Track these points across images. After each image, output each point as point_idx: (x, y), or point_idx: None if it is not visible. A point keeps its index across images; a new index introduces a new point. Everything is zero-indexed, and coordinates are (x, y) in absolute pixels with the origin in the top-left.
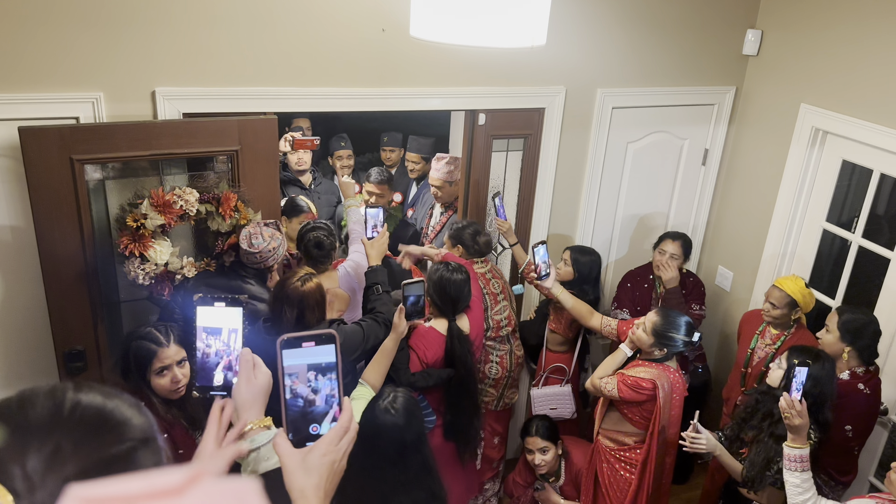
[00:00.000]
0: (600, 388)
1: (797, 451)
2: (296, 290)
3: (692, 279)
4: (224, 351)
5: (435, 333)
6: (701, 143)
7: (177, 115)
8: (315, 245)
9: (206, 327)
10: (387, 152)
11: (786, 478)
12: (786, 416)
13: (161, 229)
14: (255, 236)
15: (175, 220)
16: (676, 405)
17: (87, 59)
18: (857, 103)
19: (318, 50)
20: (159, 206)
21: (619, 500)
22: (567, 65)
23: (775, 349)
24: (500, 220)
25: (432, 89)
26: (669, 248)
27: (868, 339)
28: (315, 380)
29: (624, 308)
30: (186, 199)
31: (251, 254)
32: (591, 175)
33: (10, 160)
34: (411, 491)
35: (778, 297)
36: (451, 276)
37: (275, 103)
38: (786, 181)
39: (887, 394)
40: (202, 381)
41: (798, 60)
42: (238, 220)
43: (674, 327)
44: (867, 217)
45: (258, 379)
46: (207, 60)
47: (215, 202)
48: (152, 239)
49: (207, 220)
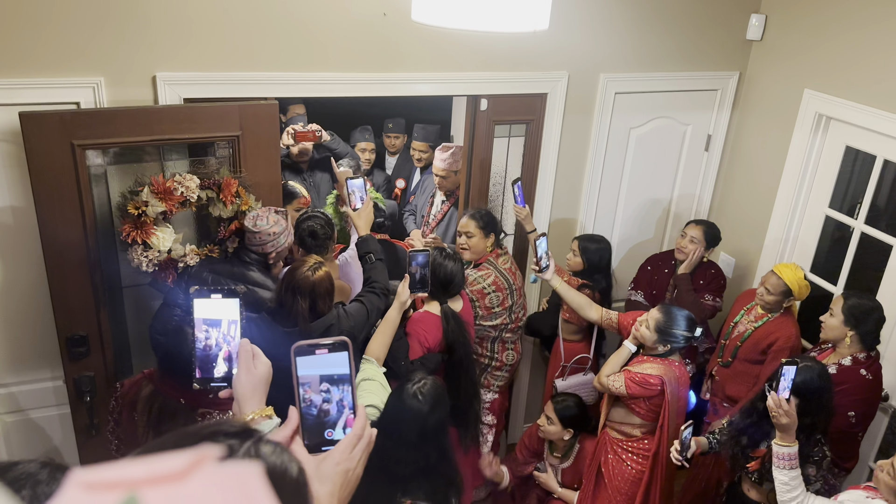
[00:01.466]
0: (607, 386)
1: (786, 450)
2: (306, 279)
3: (713, 270)
4: (224, 342)
5: (432, 316)
6: (704, 128)
7: (178, 100)
8: (309, 234)
9: (204, 319)
10: (391, 139)
11: (775, 475)
12: (773, 415)
13: (163, 216)
14: (260, 217)
15: (176, 206)
16: (683, 397)
17: (88, 44)
18: (861, 89)
19: (320, 35)
20: (160, 193)
21: (622, 490)
22: (570, 50)
23: (755, 327)
24: (519, 207)
25: (434, 74)
26: (690, 231)
27: (872, 325)
28: (329, 388)
29: (640, 290)
30: (187, 185)
31: (253, 233)
32: (594, 161)
33: (12, 145)
34: (430, 477)
35: (775, 284)
36: (444, 262)
37: (276, 88)
38: (789, 167)
39: (888, 379)
40: (203, 374)
41: (802, 45)
42: (239, 206)
43: (675, 324)
44: (870, 203)
45: (258, 369)
46: (208, 45)
47: (216, 188)
48: (154, 226)
49: (209, 206)
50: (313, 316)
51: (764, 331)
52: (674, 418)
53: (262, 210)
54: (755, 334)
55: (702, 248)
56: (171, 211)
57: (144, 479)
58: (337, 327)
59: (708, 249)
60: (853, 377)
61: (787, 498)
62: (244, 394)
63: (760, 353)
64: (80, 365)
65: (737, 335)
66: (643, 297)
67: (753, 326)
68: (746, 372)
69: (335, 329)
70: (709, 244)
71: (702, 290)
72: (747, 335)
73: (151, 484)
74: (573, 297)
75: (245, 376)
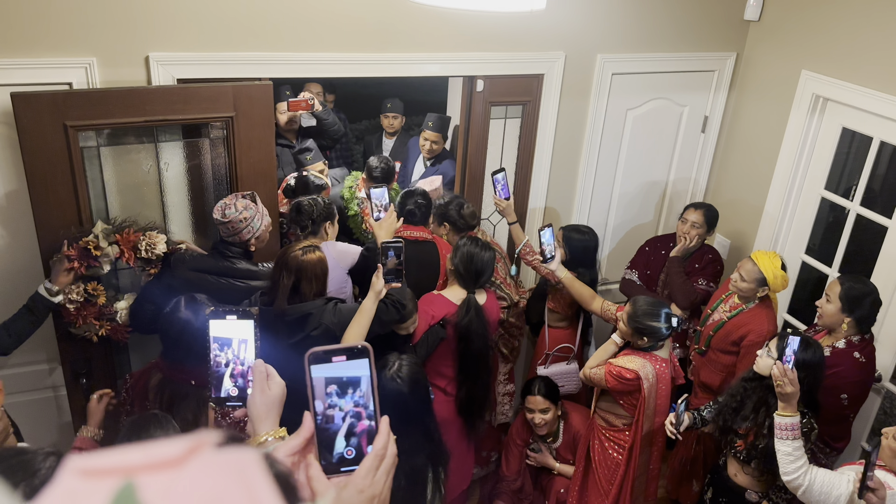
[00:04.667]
0: (591, 378)
1: (788, 420)
2: (295, 258)
3: (711, 255)
4: (237, 362)
5: (443, 299)
6: (701, 109)
7: (171, 80)
8: (294, 208)
9: (217, 338)
10: (389, 118)
11: (777, 447)
12: (777, 385)
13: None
14: (228, 207)
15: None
16: (663, 395)
17: (80, 24)
18: (859, 70)
19: (315, 14)
20: (123, 242)
21: (606, 478)
22: (567, 30)
23: (728, 318)
24: (498, 199)
25: (430, 55)
26: (691, 216)
27: (868, 310)
28: (343, 397)
29: (635, 269)
30: (155, 241)
31: (223, 223)
32: (590, 142)
33: (4, 126)
34: (411, 457)
35: (749, 270)
36: (480, 252)
37: (270, 69)
38: (785, 149)
39: (882, 360)
40: (217, 393)
41: (799, 26)
42: (152, 250)
43: (648, 316)
44: (865, 185)
45: (272, 390)
46: (202, 25)
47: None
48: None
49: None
50: (296, 297)
51: (736, 322)
52: (650, 416)
53: (229, 198)
54: (728, 325)
55: (703, 231)
56: (129, 261)
57: (141, 466)
58: (316, 318)
59: (709, 233)
60: (846, 360)
61: (791, 468)
62: (258, 414)
63: (731, 343)
64: (75, 346)
65: (711, 324)
66: (637, 277)
67: (727, 316)
68: (718, 360)
69: (314, 319)
70: (709, 227)
71: (696, 274)
72: (720, 325)
73: (148, 470)
74: (578, 287)
75: (259, 397)
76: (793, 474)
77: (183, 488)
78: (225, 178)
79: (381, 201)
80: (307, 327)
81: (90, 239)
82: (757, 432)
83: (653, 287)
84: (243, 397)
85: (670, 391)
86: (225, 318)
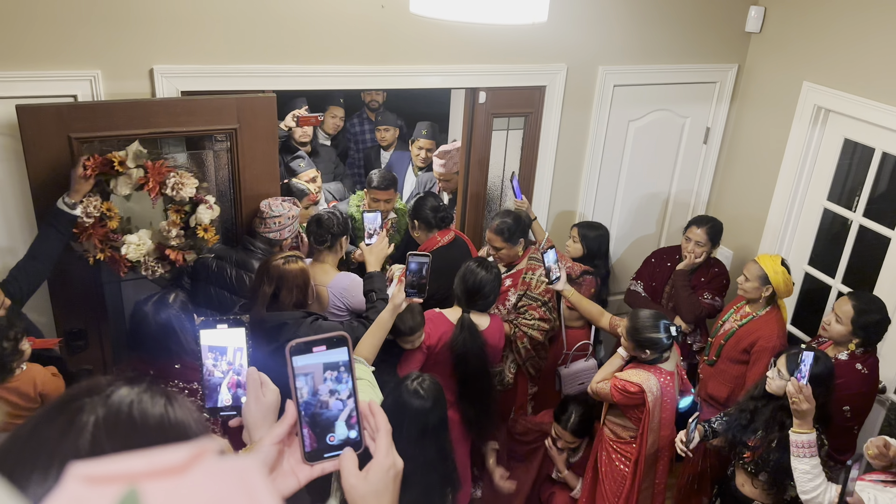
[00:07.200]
0: (598, 392)
1: (805, 437)
2: (277, 266)
3: (717, 269)
4: (230, 370)
5: (443, 317)
6: (702, 121)
7: (175, 93)
8: (314, 221)
9: (210, 347)
10: (381, 132)
11: (794, 465)
12: (793, 402)
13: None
14: (275, 203)
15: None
16: (668, 408)
17: (85, 37)
18: (860, 81)
19: (318, 27)
20: (152, 174)
21: (613, 490)
22: (568, 42)
23: (739, 325)
24: (518, 201)
25: (432, 67)
26: (694, 235)
27: (878, 333)
28: (329, 381)
29: (640, 281)
30: (184, 182)
31: (273, 217)
32: (592, 153)
33: (9, 138)
34: (426, 474)
35: (752, 269)
36: (476, 270)
37: (274, 81)
38: (787, 160)
39: (886, 373)
40: (211, 403)
41: (801, 37)
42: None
43: (647, 328)
44: (868, 196)
45: (266, 397)
46: (206, 38)
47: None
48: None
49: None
50: (274, 305)
51: (747, 329)
52: (655, 429)
53: (272, 199)
54: (738, 332)
55: (708, 248)
56: (151, 192)
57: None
58: (292, 329)
59: (713, 248)
60: (848, 372)
61: (810, 487)
62: (253, 422)
63: (742, 351)
64: (78, 358)
65: (722, 333)
66: (642, 289)
67: (738, 325)
68: (728, 371)
69: (289, 329)
70: (714, 243)
71: (702, 288)
72: (731, 333)
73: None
74: (585, 305)
75: (254, 404)
76: (812, 493)
77: (186, 495)
78: (228, 190)
79: (373, 225)
80: (281, 338)
81: (119, 154)
82: (767, 447)
83: (658, 299)
84: (237, 406)
85: (676, 405)
86: (216, 327)
